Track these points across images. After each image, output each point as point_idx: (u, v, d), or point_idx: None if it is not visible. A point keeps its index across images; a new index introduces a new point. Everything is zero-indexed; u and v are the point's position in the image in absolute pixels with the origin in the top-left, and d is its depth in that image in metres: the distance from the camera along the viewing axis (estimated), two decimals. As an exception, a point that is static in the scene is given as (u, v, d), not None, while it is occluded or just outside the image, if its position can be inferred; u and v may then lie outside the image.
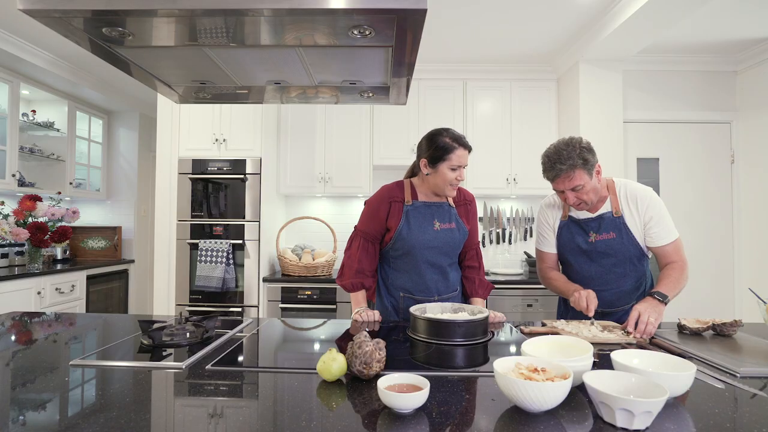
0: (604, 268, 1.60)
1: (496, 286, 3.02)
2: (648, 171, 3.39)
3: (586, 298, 1.46)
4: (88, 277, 3.66)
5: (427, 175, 1.61)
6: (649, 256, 1.66)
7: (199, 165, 3.03)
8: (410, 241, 1.60)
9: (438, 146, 1.55)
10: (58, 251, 3.92)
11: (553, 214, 1.72)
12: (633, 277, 1.62)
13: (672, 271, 1.52)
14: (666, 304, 1.42)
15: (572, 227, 1.65)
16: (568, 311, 1.74)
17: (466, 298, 1.76)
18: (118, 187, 4.51)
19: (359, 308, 1.62)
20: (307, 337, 1.40)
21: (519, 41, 3.09)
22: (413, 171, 1.74)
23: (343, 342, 1.31)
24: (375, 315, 1.58)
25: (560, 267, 1.78)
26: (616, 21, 2.59)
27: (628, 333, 1.35)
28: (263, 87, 1.53)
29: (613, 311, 1.63)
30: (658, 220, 1.54)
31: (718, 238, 3.36)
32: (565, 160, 1.47)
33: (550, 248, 1.73)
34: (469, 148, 1.58)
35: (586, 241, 1.61)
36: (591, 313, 1.44)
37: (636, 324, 1.35)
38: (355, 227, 1.72)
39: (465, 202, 1.73)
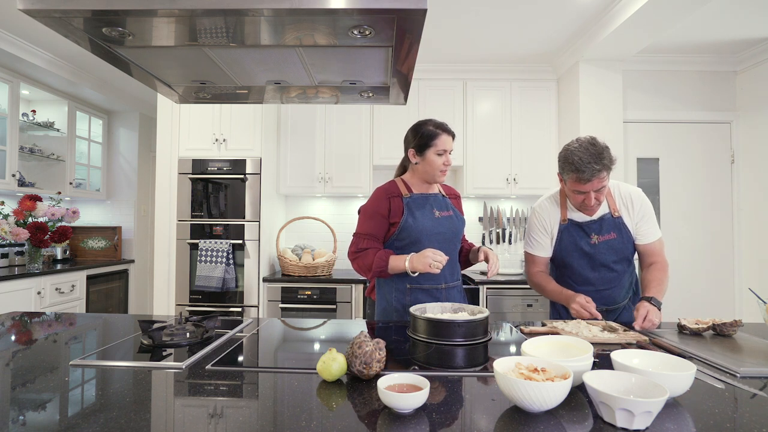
0: (606, 268, 1.63)
1: (496, 286, 3.03)
2: (648, 171, 3.39)
3: (585, 308, 1.48)
4: (88, 277, 3.66)
5: (416, 164, 1.66)
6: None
7: (199, 165, 3.03)
8: (417, 228, 1.60)
9: (423, 134, 1.62)
10: (58, 251, 3.92)
11: (549, 218, 1.69)
12: (629, 273, 1.68)
13: (657, 272, 1.57)
14: (659, 309, 1.47)
15: (573, 230, 1.64)
16: (562, 317, 1.72)
17: (465, 258, 1.78)
18: (118, 187, 4.51)
19: (409, 257, 1.52)
20: (307, 337, 1.40)
21: (519, 41, 3.09)
22: (403, 168, 1.79)
23: (343, 343, 1.31)
24: (439, 252, 1.50)
25: (550, 269, 1.78)
26: (616, 21, 2.59)
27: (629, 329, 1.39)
28: (263, 87, 1.53)
29: (614, 308, 1.66)
30: (648, 218, 1.61)
31: (718, 238, 3.36)
32: (600, 160, 1.44)
33: (542, 252, 1.72)
34: (452, 134, 1.64)
35: (589, 243, 1.62)
36: (599, 315, 1.48)
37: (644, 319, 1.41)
38: (355, 233, 1.68)
39: (454, 195, 1.82)
